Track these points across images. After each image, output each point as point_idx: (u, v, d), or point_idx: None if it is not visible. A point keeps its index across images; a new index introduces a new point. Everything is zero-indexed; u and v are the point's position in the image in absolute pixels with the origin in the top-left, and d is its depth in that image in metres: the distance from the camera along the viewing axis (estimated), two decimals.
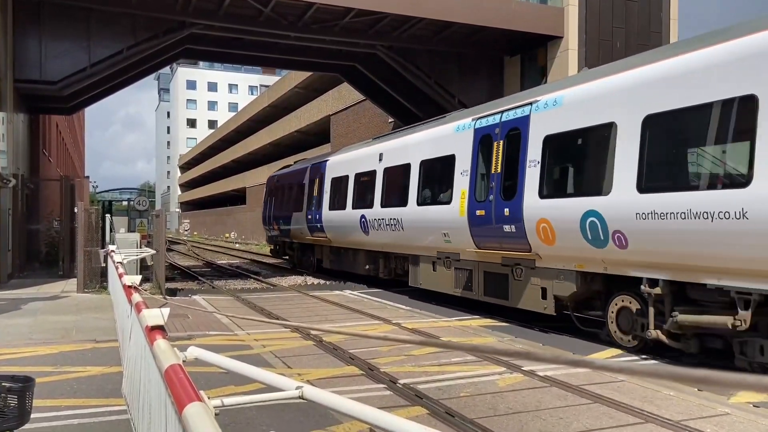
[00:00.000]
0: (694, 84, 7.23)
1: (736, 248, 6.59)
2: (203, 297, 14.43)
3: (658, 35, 20.46)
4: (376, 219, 14.77)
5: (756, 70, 6.53)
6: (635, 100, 8.02)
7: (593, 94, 8.73)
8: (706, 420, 5.47)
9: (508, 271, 10.60)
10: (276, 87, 52.28)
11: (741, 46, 6.77)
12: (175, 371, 2.38)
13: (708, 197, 6.87)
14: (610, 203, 8.13)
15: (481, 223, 10.97)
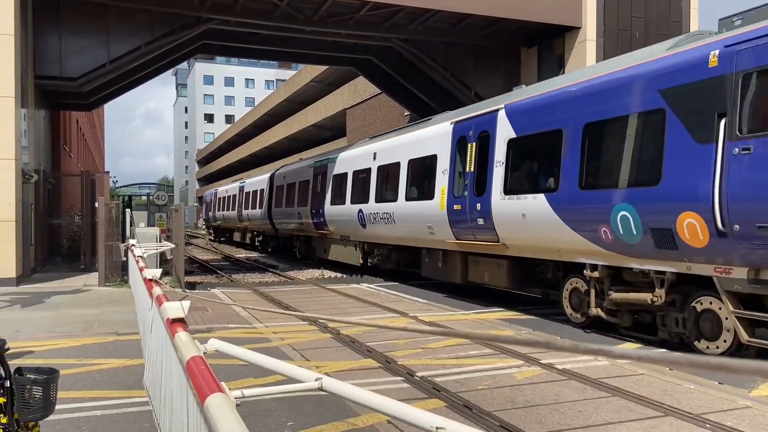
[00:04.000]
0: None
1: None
2: (222, 290, 14.57)
3: (678, 24, 20.14)
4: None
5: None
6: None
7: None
8: (727, 413, 5.42)
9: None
10: (292, 81, 52.42)
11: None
12: (196, 363, 2.41)
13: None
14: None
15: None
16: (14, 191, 14.37)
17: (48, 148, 21.37)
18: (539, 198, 9.79)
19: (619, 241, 8.37)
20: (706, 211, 7.09)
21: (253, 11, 18.43)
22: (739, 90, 6.93)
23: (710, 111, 7.24)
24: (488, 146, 11.29)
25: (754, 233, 6.64)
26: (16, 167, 14.51)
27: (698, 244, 7.29)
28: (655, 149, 7.93)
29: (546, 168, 9.99)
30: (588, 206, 8.88)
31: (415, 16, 19.07)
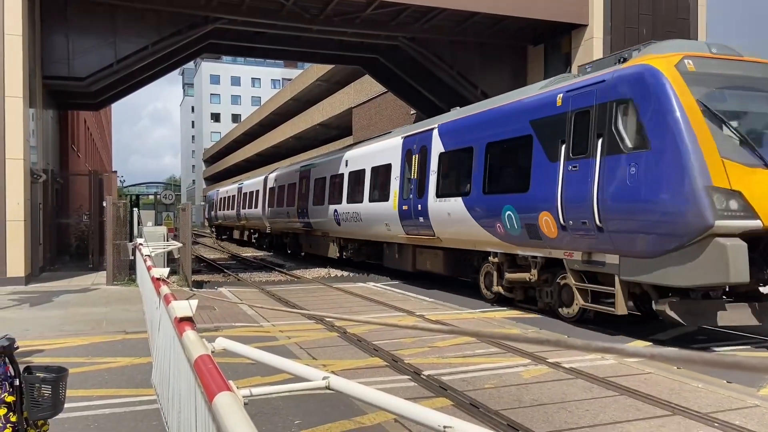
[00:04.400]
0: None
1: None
2: (229, 289, 14.62)
3: (686, 21, 20.02)
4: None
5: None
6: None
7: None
8: (735, 412, 5.39)
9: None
10: (298, 80, 52.49)
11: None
12: (204, 361, 2.42)
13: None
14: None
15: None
16: (23, 191, 14.46)
17: (56, 148, 21.48)
18: (458, 200, 12.28)
19: (507, 234, 10.88)
20: (555, 211, 9.56)
21: (259, 10, 18.46)
22: (572, 124, 9.45)
23: (557, 138, 9.72)
24: (426, 158, 13.75)
25: (580, 227, 9.11)
26: (25, 167, 14.60)
27: (552, 235, 9.79)
28: (526, 165, 10.41)
29: (463, 177, 12.36)
30: (488, 207, 11.38)
31: (421, 14, 19.04)
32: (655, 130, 8.11)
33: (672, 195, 7.82)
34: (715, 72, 8.41)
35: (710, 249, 7.50)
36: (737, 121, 8.23)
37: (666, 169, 7.94)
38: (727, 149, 7.78)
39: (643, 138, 8.25)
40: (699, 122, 7.80)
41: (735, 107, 8.43)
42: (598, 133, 8.92)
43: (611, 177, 8.60)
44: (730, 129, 8.01)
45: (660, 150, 8.01)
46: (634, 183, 8.25)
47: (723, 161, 7.66)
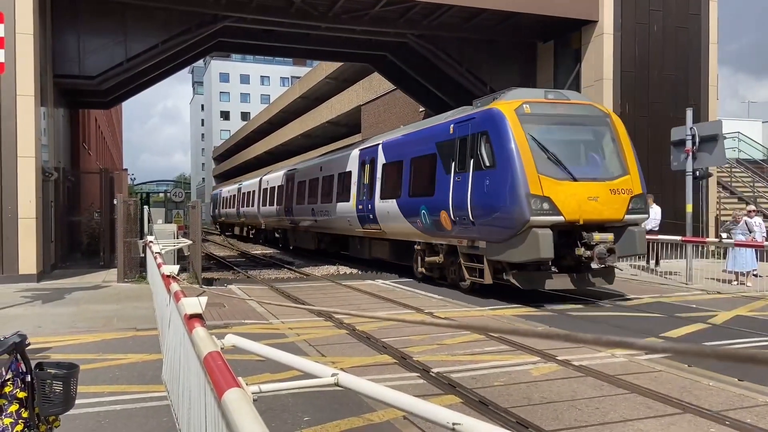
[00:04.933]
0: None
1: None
2: (238, 286, 14.67)
3: (697, 17, 19.85)
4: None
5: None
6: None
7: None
8: (747, 410, 5.35)
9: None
10: (307, 78, 52.56)
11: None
12: (213, 358, 2.44)
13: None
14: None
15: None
16: (35, 189, 14.58)
17: (67, 146, 21.64)
18: (394, 202, 15.27)
19: (424, 228, 13.82)
20: (449, 210, 12.56)
21: (268, 8, 18.50)
22: (457, 147, 12.54)
23: (450, 157, 12.81)
24: (374, 167, 16.72)
25: (464, 222, 12.07)
26: (37, 165, 14.71)
27: (449, 228, 12.72)
28: (432, 176, 13.40)
29: (397, 183, 15.32)
30: (411, 207, 14.30)
31: (430, 11, 19.00)
32: (499, 154, 11.22)
33: (507, 200, 10.94)
34: (544, 113, 11.56)
35: (530, 236, 10.64)
36: (554, 147, 11.22)
37: (504, 182, 11.02)
38: (543, 167, 10.90)
39: (493, 159, 11.37)
40: (525, 149, 10.90)
41: (554, 137, 11.41)
42: (470, 154, 12.04)
43: (477, 187, 11.74)
44: (547, 153, 11.07)
45: (502, 168, 11.11)
46: (488, 191, 11.41)
47: (539, 176, 10.78)
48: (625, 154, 11.71)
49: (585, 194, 10.91)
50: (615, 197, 11.12)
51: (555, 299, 11.77)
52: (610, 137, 11.88)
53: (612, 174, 11.40)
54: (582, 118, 11.89)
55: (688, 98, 19.28)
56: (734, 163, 25.20)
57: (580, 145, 11.76)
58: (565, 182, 10.87)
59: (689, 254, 14.18)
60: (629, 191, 11.29)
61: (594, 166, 11.59)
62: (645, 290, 13.14)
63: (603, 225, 11.06)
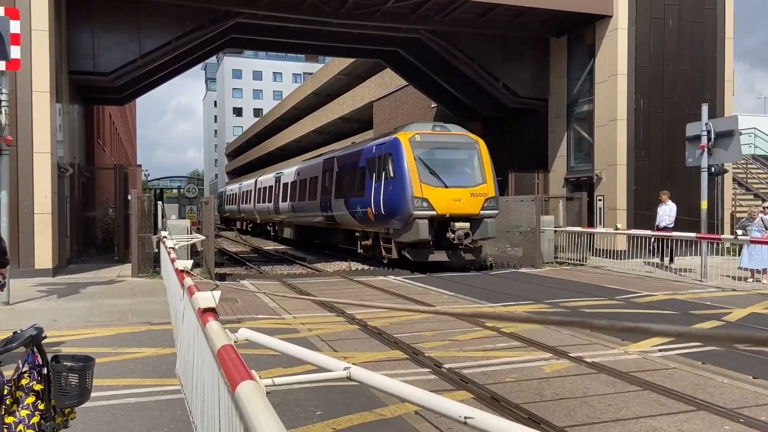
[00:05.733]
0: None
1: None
2: (251, 282, 14.74)
3: (713, 12, 19.60)
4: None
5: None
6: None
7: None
8: (762, 408, 5.30)
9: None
10: (319, 74, 52.56)
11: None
12: (227, 351, 2.46)
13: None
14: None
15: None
16: (50, 184, 14.73)
17: (82, 142, 21.83)
18: (342, 201, 19.51)
19: (360, 220, 18.09)
20: (372, 207, 16.83)
21: (281, 4, 18.52)
22: (377, 162, 16.92)
23: (373, 169, 17.24)
24: (332, 173, 21.25)
25: (381, 215, 16.37)
26: (52, 161, 14.86)
27: (373, 220, 16.98)
28: (363, 182, 17.79)
29: (345, 186, 19.64)
30: (353, 204, 18.42)
31: (442, 6, 18.93)
32: (397, 169, 15.99)
33: (401, 201, 15.67)
34: (429, 140, 16.34)
35: (414, 224, 15.49)
36: (433, 164, 15.97)
37: (400, 188, 15.74)
38: (425, 178, 15.69)
39: (394, 173, 16.09)
40: (413, 166, 15.68)
41: (434, 157, 16.16)
42: (383, 168, 16.71)
43: (386, 191, 16.35)
44: (428, 168, 15.87)
45: (398, 179, 15.85)
46: (391, 194, 16.08)
47: (421, 184, 15.55)
48: (484, 169, 16.41)
49: (452, 197, 15.71)
50: (474, 199, 15.89)
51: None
52: (476, 157, 16.55)
53: (473, 183, 16.17)
54: (456, 144, 16.65)
55: (704, 94, 19.07)
56: (750, 159, 24.90)
57: (452, 162, 16.44)
58: (439, 188, 15.73)
59: (704, 251, 14.05)
60: (485, 195, 16.05)
61: (460, 177, 16.22)
62: (659, 287, 13.05)
63: (465, 217, 15.85)
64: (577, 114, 20.91)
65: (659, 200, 16.89)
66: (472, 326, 8.96)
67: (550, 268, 16.96)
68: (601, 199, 19.43)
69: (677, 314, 9.99)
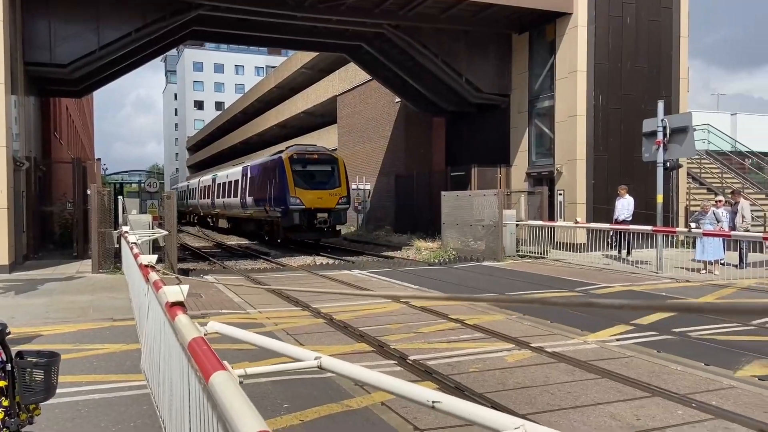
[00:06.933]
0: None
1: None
2: (215, 277, 14.62)
3: (669, 11, 20.18)
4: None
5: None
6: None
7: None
8: (712, 393, 5.57)
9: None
10: (282, 68, 52.11)
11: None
12: (198, 343, 2.49)
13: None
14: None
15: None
16: (5, 178, 14.30)
17: (38, 136, 21.21)
18: (253, 198, 26.16)
19: (264, 212, 24.63)
20: (269, 203, 23.96)
21: None
22: (274, 171, 23.75)
23: (268, 175, 24.48)
24: (246, 177, 27.78)
25: (273, 208, 23.68)
26: (7, 154, 14.42)
27: (272, 213, 24.46)
28: (265, 185, 24.55)
29: (256, 187, 25.92)
30: (259, 201, 25.28)
31: (406, 1, 19.01)
32: (281, 178, 22.78)
33: (284, 198, 22.30)
34: (303, 158, 23.20)
35: (291, 214, 22.09)
36: (304, 174, 22.80)
37: (284, 190, 22.42)
38: (298, 183, 22.36)
39: (279, 179, 22.83)
40: (290, 176, 22.39)
41: (305, 170, 22.96)
42: (274, 176, 23.45)
43: (275, 192, 23.26)
44: (301, 177, 22.62)
45: (282, 184, 22.61)
46: (278, 194, 22.83)
47: (296, 188, 22.25)
48: (341, 177, 23.34)
49: (317, 196, 22.55)
50: (331, 197, 22.76)
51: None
52: (335, 170, 23.48)
53: (332, 186, 23.06)
54: (322, 160, 23.65)
55: (660, 90, 19.63)
56: (704, 155, 25.75)
57: (318, 173, 23.32)
58: (308, 190, 22.56)
59: (659, 244, 14.52)
60: (339, 195, 22.97)
61: (323, 183, 23.06)
62: (616, 279, 13.45)
63: (325, 210, 22.52)
64: (539, 110, 21.29)
65: (617, 194, 17.37)
66: (437, 318, 9.11)
67: (512, 261, 17.28)
68: (562, 194, 19.85)
69: None
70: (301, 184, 22.38)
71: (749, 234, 14.50)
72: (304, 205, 22.08)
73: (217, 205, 34.33)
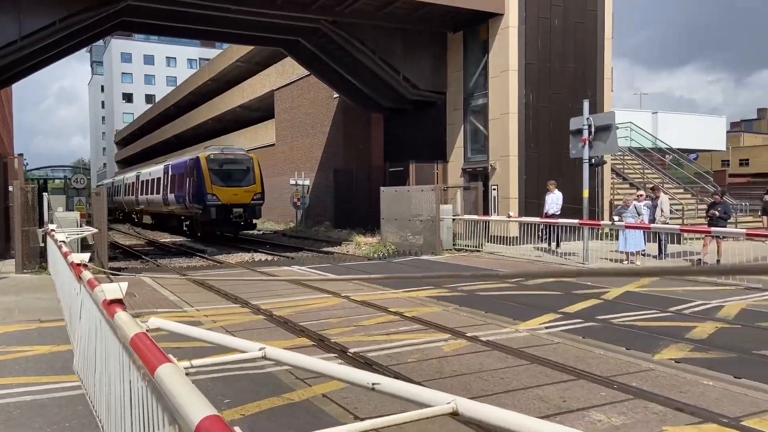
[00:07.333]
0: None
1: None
2: (148, 275, 14.25)
3: (594, 14, 21.09)
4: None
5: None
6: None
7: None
8: (633, 375, 5.97)
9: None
10: (217, 60, 50.95)
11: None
12: (141, 339, 2.52)
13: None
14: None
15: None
16: None
17: None
18: (174, 195, 27.96)
19: (184, 207, 26.99)
20: (188, 198, 26.03)
21: None
22: (192, 170, 25.88)
23: (187, 173, 26.49)
24: (167, 175, 29.50)
25: (192, 203, 25.73)
26: None
27: (190, 207, 26.10)
28: (183, 182, 26.74)
29: (174, 185, 27.90)
30: (178, 197, 27.34)
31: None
32: (197, 175, 25.01)
33: (201, 195, 24.62)
34: (219, 158, 25.57)
35: (208, 209, 24.41)
36: (220, 173, 25.16)
37: (201, 187, 24.67)
38: (215, 181, 24.72)
39: (197, 177, 25.03)
40: (207, 174, 24.72)
41: (221, 168, 25.27)
42: (192, 175, 25.46)
43: (193, 189, 25.36)
44: (217, 175, 24.93)
45: (199, 181, 24.80)
46: (196, 191, 24.99)
47: (212, 185, 24.59)
48: (256, 175, 25.84)
49: (232, 192, 24.69)
50: (246, 193, 25.07)
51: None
52: (251, 168, 25.90)
53: (247, 184, 25.40)
54: (237, 160, 25.98)
55: (586, 90, 20.51)
56: (627, 152, 27.05)
57: (233, 171, 25.53)
58: (224, 187, 24.74)
59: (586, 236, 15.23)
60: (254, 191, 25.38)
61: (238, 181, 25.33)
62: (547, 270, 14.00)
63: (240, 205, 24.80)
64: (474, 107, 21.81)
65: (547, 189, 18.06)
66: (377, 312, 9.27)
67: (450, 255, 17.68)
68: (496, 189, 20.44)
69: (562, 294, 10.83)
70: (217, 182, 24.73)
71: (668, 226, 15.41)
72: (221, 201, 24.45)
73: (141, 201, 36.09)
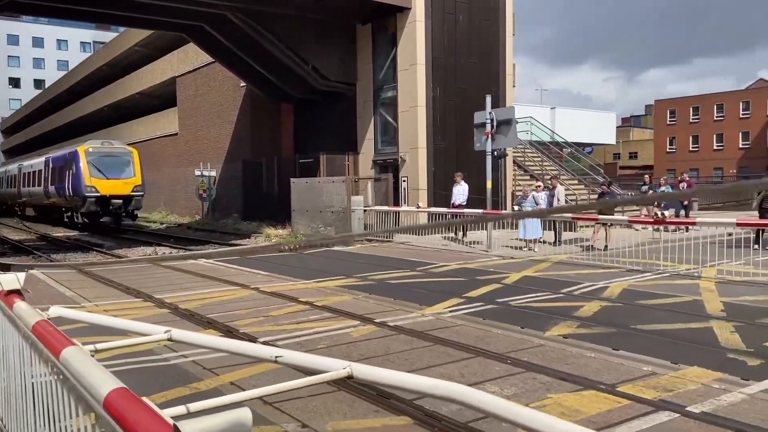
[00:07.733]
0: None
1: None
2: (41, 271, 13.46)
3: (495, 11, 21.98)
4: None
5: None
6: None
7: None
8: (525, 351, 6.43)
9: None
10: (113, 45, 48.38)
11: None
12: (43, 326, 2.52)
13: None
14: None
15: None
16: None
17: None
18: (54, 187, 29.45)
19: (65, 199, 28.42)
20: (67, 190, 28.08)
21: None
22: (68, 162, 28.32)
23: (65, 166, 28.49)
24: (49, 168, 30.75)
25: (72, 198, 27.65)
26: None
27: (69, 199, 28.21)
28: (63, 174, 28.26)
29: (55, 177, 29.56)
30: (59, 189, 28.87)
31: None
32: (77, 169, 26.80)
33: (79, 187, 26.38)
34: (99, 151, 27.47)
35: (87, 202, 26.16)
36: (100, 165, 26.86)
37: (79, 179, 26.51)
38: (93, 174, 26.56)
39: (76, 170, 26.86)
40: (86, 167, 26.68)
41: (101, 161, 26.84)
42: (71, 168, 27.39)
43: (72, 180, 27.09)
44: (96, 169, 26.76)
45: (78, 173, 26.56)
46: (75, 182, 26.84)
47: (90, 178, 26.41)
48: (136, 168, 27.65)
49: (112, 184, 26.29)
50: (126, 185, 26.78)
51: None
52: (131, 162, 27.70)
53: (127, 176, 27.17)
54: (117, 153, 27.78)
55: (490, 85, 21.37)
56: (527, 145, 28.44)
57: (114, 164, 27.07)
58: (103, 180, 26.31)
59: (489, 225, 15.96)
60: (134, 183, 27.14)
61: (118, 173, 26.99)
62: (453, 258, 14.57)
63: (120, 197, 26.27)
64: (383, 99, 22.15)
65: (454, 181, 18.70)
66: (287, 302, 9.33)
67: (361, 246, 17.94)
68: (405, 180, 20.92)
69: (467, 280, 11.34)
70: (96, 174, 26.42)
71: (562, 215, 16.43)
72: (100, 193, 26.14)
73: (24, 194, 37.12)
